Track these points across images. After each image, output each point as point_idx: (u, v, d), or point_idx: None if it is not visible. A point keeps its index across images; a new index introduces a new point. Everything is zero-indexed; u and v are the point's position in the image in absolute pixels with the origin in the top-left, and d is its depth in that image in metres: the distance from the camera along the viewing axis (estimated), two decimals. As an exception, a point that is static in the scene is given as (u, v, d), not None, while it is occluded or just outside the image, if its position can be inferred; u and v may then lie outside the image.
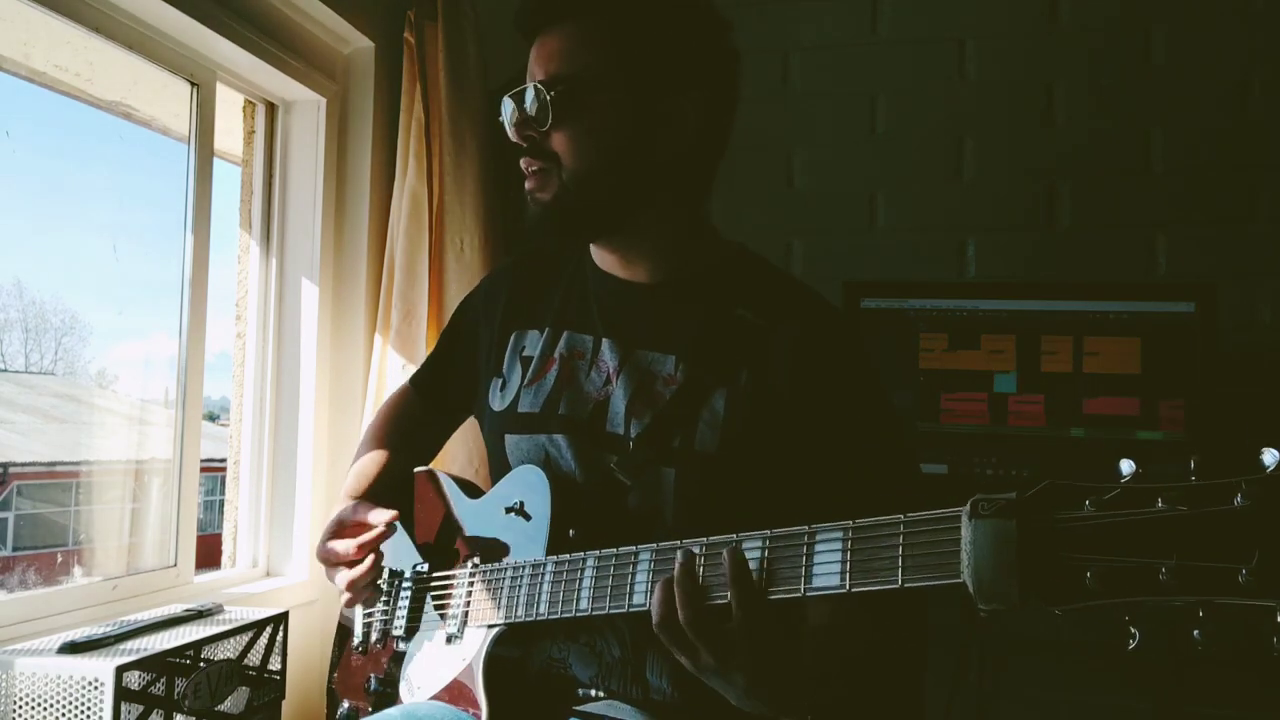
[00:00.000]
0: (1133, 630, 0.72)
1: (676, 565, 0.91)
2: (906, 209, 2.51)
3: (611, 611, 1.01)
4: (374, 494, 1.36)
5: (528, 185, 1.16)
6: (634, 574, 1.00)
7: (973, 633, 2.30)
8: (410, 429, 1.46)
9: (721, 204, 2.53)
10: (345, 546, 1.23)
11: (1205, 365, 2.05)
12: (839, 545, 0.86)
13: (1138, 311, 2.10)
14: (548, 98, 1.10)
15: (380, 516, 1.23)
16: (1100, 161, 2.40)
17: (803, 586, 0.87)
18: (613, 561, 1.03)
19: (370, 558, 1.23)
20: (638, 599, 0.99)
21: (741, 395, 1.10)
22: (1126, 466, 0.72)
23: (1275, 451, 0.67)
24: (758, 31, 2.61)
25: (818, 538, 0.87)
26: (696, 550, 0.94)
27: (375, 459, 1.40)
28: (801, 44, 2.60)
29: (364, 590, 1.25)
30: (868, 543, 0.84)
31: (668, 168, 1.15)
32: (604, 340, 1.20)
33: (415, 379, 1.48)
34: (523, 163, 1.15)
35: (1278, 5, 2.31)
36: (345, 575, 1.23)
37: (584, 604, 1.04)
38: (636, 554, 1.01)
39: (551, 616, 1.07)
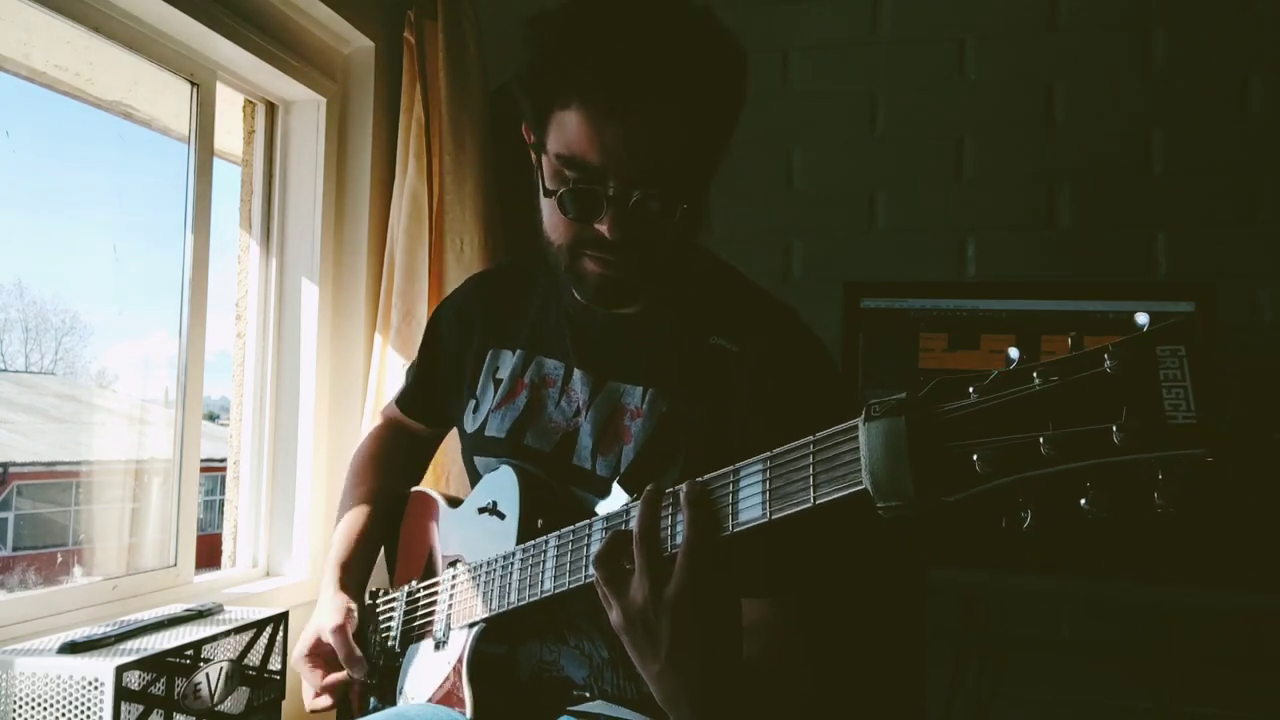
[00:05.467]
0: (1024, 510, 0.71)
1: (645, 491, 0.92)
2: (906, 209, 2.51)
3: (572, 586, 1.02)
4: (359, 556, 1.36)
5: (607, 271, 1.07)
6: (589, 545, 1.01)
7: (972, 633, 2.30)
8: (400, 456, 1.47)
9: (722, 204, 2.55)
10: (313, 678, 1.28)
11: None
12: (760, 477, 0.86)
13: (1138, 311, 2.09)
14: (662, 197, 1.02)
15: (354, 666, 1.25)
16: (1100, 161, 2.40)
17: (730, 524, 0.87)
18: (570, 538, 1.04)
19: (331, 699, 1.28)
20: (593, 569, 0.99)
21: (699, 434, 1.09)
22: (1014, 353, 0.73)
23: (1146, 315, 0.68)
24: (758, 31, 2.60)
25: (741, 474, 0.88)
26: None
27: (361, 512, 1.40)
28: (801, 44, 2.60)
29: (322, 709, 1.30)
30: (783, 469, 0.84)
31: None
32: (576, 370, 1.18)
33: (402, 403, 1.47)
34: (610, 254, 1.06)
35: (1278, 5, 2.31)
36: (310, 701, 1.28)
37: (548, 584, 1.05)
38: (590, 525, 1.02)
39: (521, 602, 1.08)
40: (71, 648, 1.39)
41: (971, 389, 0.72)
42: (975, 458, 0.70)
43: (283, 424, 2.17)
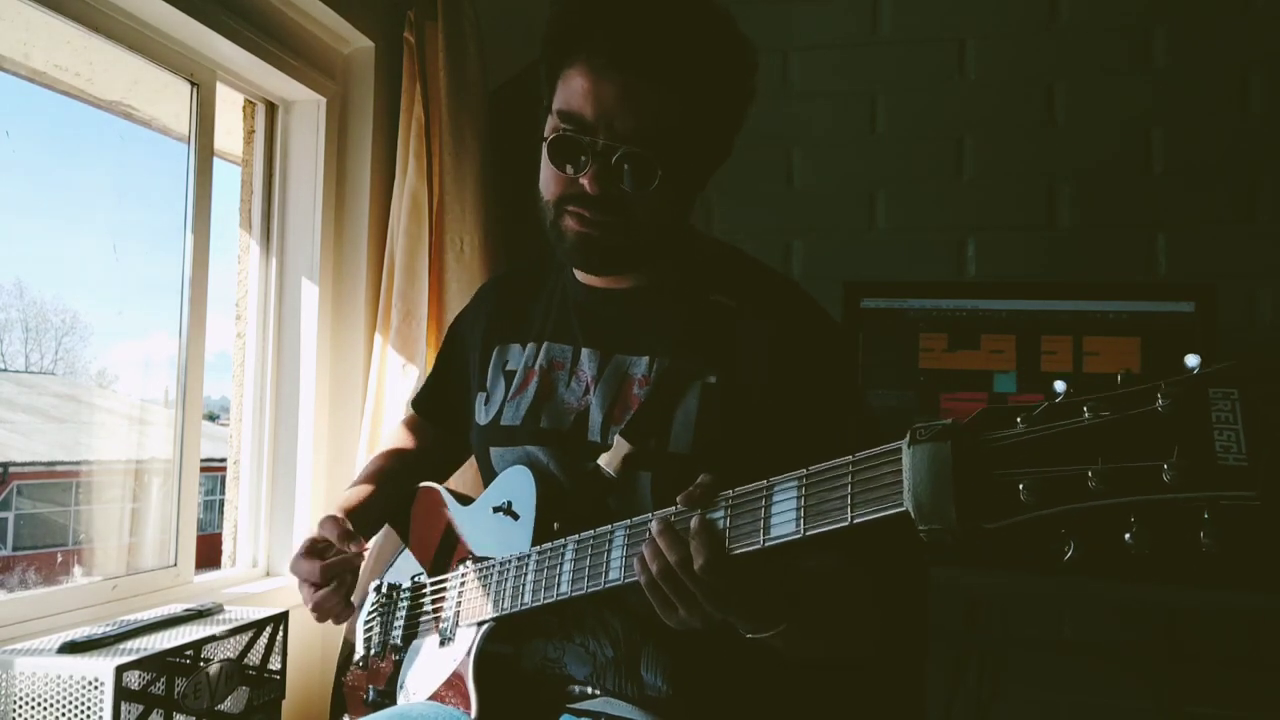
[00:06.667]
0: (1069, 542, 0.72)
1: (655, 523, 0.95)
2: (906, 209, 2.51)
3: (589, 591, 1.03)
4: (361, 510, 1.35)
5: (584, 229, 1.11)
6: (609, 551, 1.02)
7: (973, 633, 2.30)
8: (415, 453, 1.47)
9: (722, 204, 2.55)
10: (310, 568, 1.23)
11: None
12: (794, 494, 0.88)
13: (1138, 311, 2.09)
14: (645, 158, 1.06)
15: (349, 541, 1.22)
16: (1100, 161, 2.39)
17: (761, 538, 0.89)
18: (590, 542, 1.05)
19: (333, 585, 1.23)
20: (613, 574, 1.01)
21: (713, 392, 1.11)
22: (1060, 386, 0.73)
23: (1197, 356, 0.69)
24: (758, 31, 2.59)
25: (775, 490, 0.90)
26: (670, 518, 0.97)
27: (369, 485, 1.41)
28: (801, 44, 2.60)
29: (329, 611, 1.24)
30: (820, 487, 0.86)
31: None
32: (584, 350, 1.21)
33: (416, 403, 1.50)
34: (588, 210, 1.10)
35: (1278, 5, 2.31)
36: (310, 597, 1.24)
37: (564, 587, 1.05)
38: (611, 532, 1.03)
39: (535, 604, 1.08)
40: (71, 647, 1.39)
41: (1019, 419, 0.73)
42: (1021, 487, 0.71)
43: (283, 424, 2.17)
